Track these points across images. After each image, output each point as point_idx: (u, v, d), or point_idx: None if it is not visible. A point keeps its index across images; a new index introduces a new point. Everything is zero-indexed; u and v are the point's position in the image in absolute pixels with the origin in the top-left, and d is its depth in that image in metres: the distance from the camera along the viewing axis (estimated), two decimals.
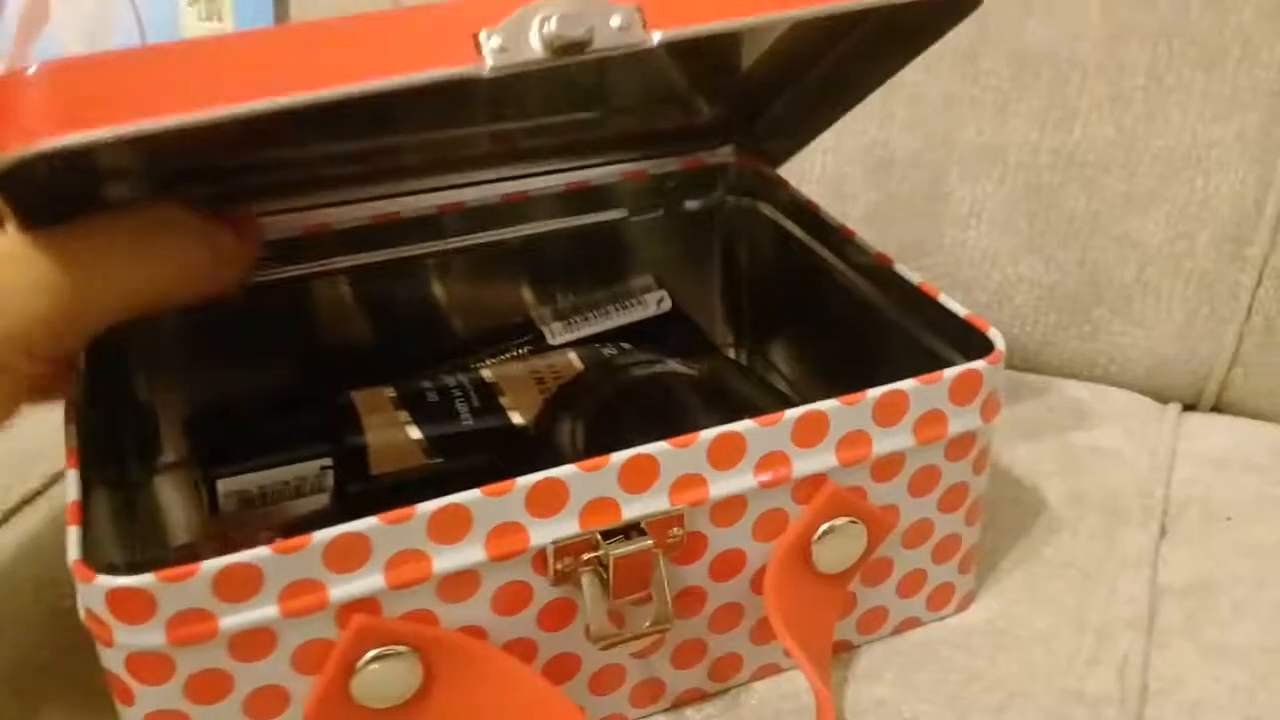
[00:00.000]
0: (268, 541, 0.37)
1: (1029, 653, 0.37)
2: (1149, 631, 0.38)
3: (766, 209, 0.49)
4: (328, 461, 0.42)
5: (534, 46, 0.27)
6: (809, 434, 0.32)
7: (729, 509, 0.32)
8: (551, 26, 0.26)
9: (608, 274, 0.50)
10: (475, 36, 0.26)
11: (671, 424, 0.42)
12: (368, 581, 0.29)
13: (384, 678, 0.29)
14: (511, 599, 0.31)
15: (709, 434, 0.31)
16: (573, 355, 0.47)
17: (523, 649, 0.32)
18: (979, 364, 0.34)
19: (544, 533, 0.30)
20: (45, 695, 0.37)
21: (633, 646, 0.32)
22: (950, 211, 0.47)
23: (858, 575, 0.35)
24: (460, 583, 0.30)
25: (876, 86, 0.38)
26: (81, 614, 0.28)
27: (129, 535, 0.41)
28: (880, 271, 0.41)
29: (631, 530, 0.31)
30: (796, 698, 0.36)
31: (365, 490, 0.43)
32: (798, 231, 0.47)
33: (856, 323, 0.43)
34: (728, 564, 0.33)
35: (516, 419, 0.44)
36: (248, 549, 0.36)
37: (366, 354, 0.47)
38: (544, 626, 0.32)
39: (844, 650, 0.37)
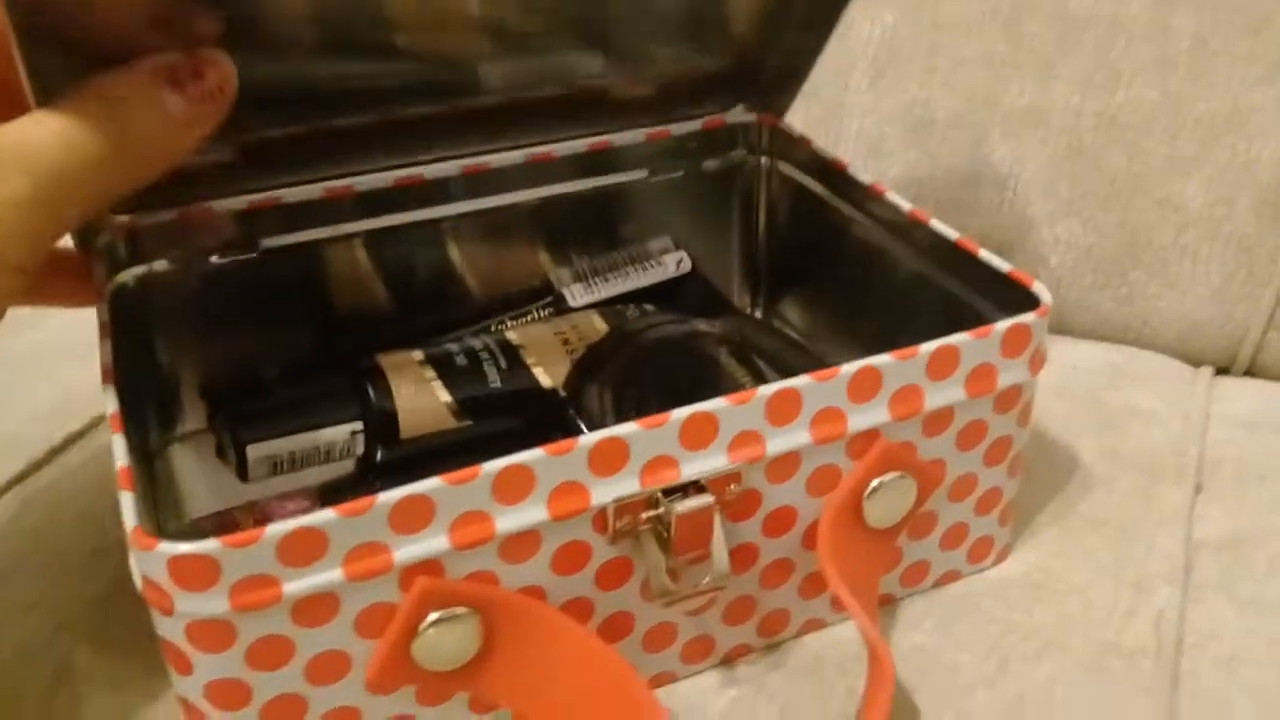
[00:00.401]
0: (300, 509, 0.37)
1: (1066, 605, 0.37)
2: (1185, 586, 0.38)
3: (787, 168, 0.48)
4: (358, 426, 0.42)
5: None
6: (864, 389, 0.32)
7: (784, 465, 0.32)
8: None
9: (626, 235, 0.49)
10: None
11: (701, 381, 0.42)
12: (432, 543, 0.28)
13: (445, 640, 0.29)
14: (571, 558, 0.30)
15: (767, 390, 0.31)
16: (595, 316, 0.47)
17: (579, 608, 0.32)
18: (1028, 317, 0.34)
19: (605, 491, 0.30)
20: (88, 631, 0.37)
21: (690, 604, 0.32)
22: (990, 172, 0.47)
23: (905, 529, 0.35)
24: (522, 543, 0.29)
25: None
26: (138, 582, 0.27)
27: (150, 504, 0.41)
28: (915, 228, 0.41)
29: (690, 488, 0.31)
30: (842, 648, 0.36)
31: (395, 455, 0.42)
32: (820, 189, 0.46)
33: (884, 280, 0.43)
34: (780, 520, 0.33)
35: (544, 380, 0.44)
36: (281, 517, 0.36)
37: (388, 318, 0.46)
38: (601, 585, 0.31)
39: (886, 603, 0.37)
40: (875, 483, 0.33)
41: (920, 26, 0.49)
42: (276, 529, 0.26)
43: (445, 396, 0.42)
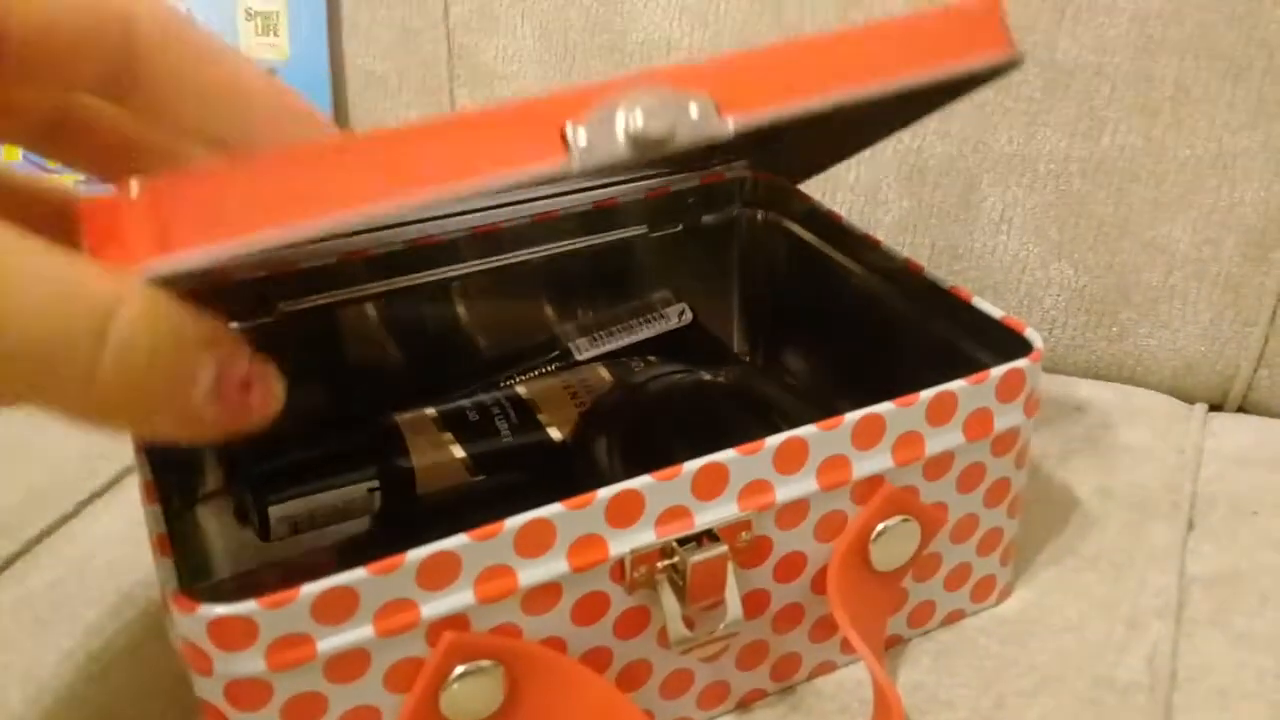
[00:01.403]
0: (327, 566, 0.38)
1: (1061, 641, 0.38)
2: (1178, 620, 0.39)
3: (784, 221, 0.50)
4: (374, 483, 0.43)
5: (619, 142, 0.25)
6: (867, 436, 0.33)
7: (792, 512, 0.33)
8: (638, 123, 0.25)
9: (629, 289, 0.51)
10: (562, 133, 0.25)
11: (707, 431, 0.44)
12: (457, 598, 0.29)
13: (471, 692, 0.30)
14: (590, 609, 0.32)
15: (775, 440, 0.32)
16: (602, 369, 0.48)
17: (598, 657, 0.33)
18: (1022, 363, 0.35)
19: (622, 542, 0.31)
20: (126, 679, 0.38)
21: (706, 650, 0.33)
22: (982, 218, 0.49)
23: (910, 571, 0.36)
24: (543, 595, 0.31)
25: (897, 129, 0.39)
26: (176, 645, 0.28)
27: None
28: (909, 277, 0.42)
29: (704, 537, 0.32)
30: (854, 690, 0.37)
31: (411, 510, 0.43)
32: (816, 241, 0.48)
33: (880, 329, 0.45)
34: (790, 566, 0.34)
35: (554, 434, 0.45)
36: (307, 575, 0.37)
37: (401, 375, 0.48)
38: (619, 634, 0.32)
39: (894, 644, 0.38)
40: (880, 527, 0.34)
41: None
42: (311, 588, 0.28)
43: (459, 453, 0.44)
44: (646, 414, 0.44)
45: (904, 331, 0.43)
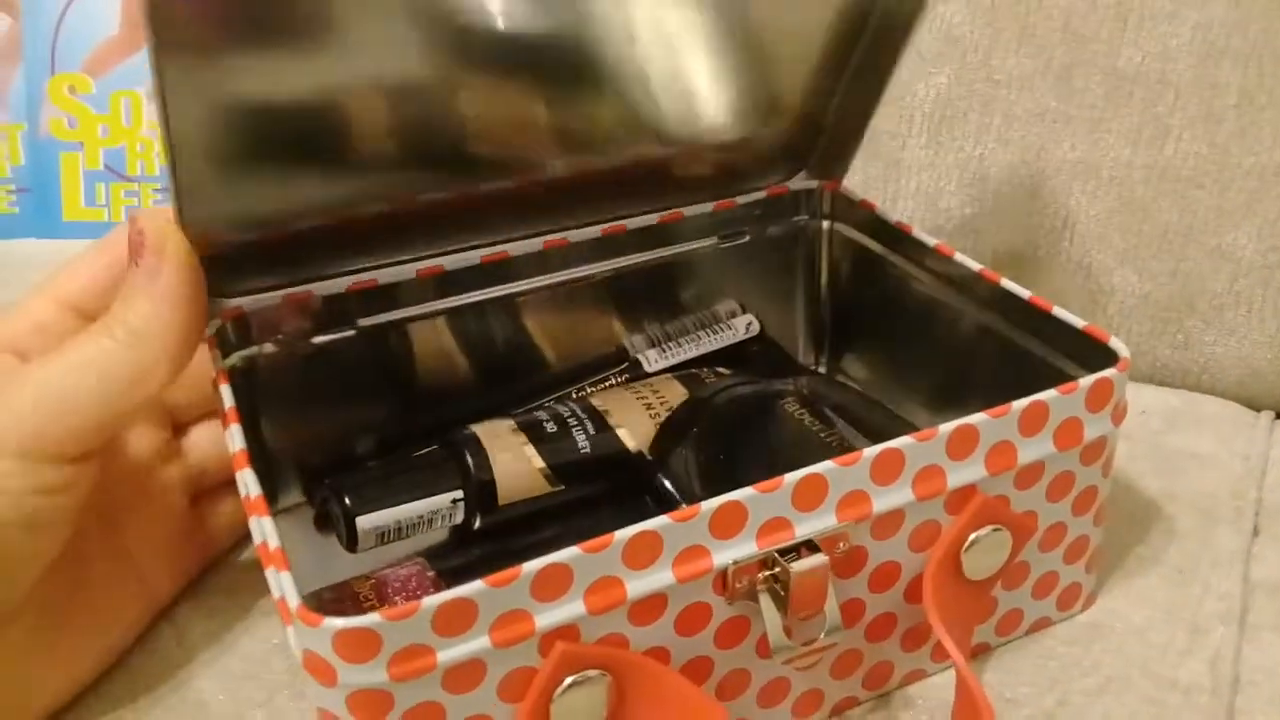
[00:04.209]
0: (414, 575, 0.39)
1: (1125, 643, 0.39)
2: (1241, 625, 0.39)
3: (849, 230, 0.50)
4: (459, 494, 0.43)
5: None
6: (961, 447, 0.34)
7: (888, 523, 0.34)
8: None
9: (696, 301, 0.51)
10: None
11: (781, 440, 0.44)
12: (569, 609, 0.30)
13: (580, 702, 0.31)
14: (693, 619, 0.32)
15: (872, 451, 0.32)
16: (673, 381, 0.49)
17: (699, 666, 0.33)
18: (1110, 372, 0.35)
19: (725, 554, 0.31)
20: None
21: (805, 660, 0.33)
22: (1044, 225, 0.49)
23: (999, 580, 0.37)
24: (649, 606, 0.31)
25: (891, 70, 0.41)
26: (297, 655, 0.29)
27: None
28: (984, 286, 0.42)
29: (803, 548, 0.32)
30: (943, 698, 0.37)
31: (494, 520, 0.44)
32: (884, 251, 0.48)
33: (949, 336, 0.45)
34: (885, 576, 0.35)
35: (629, 442, 0.46)
36: (395, 585, 0.38)
37: (474, 388, 0.48)
38: (719, 644, 0.33)
39: (981, 652, 0.39)
40: (973, 536, 0.35)
41: (973, 86, 0.52)
42: (432, 600, 0.28)
43: (539, 463, 0.44)
44: (722, 425, 0.44)
45: (974, 339, 0.44)
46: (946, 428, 0.33)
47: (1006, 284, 0.41)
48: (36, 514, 0.33)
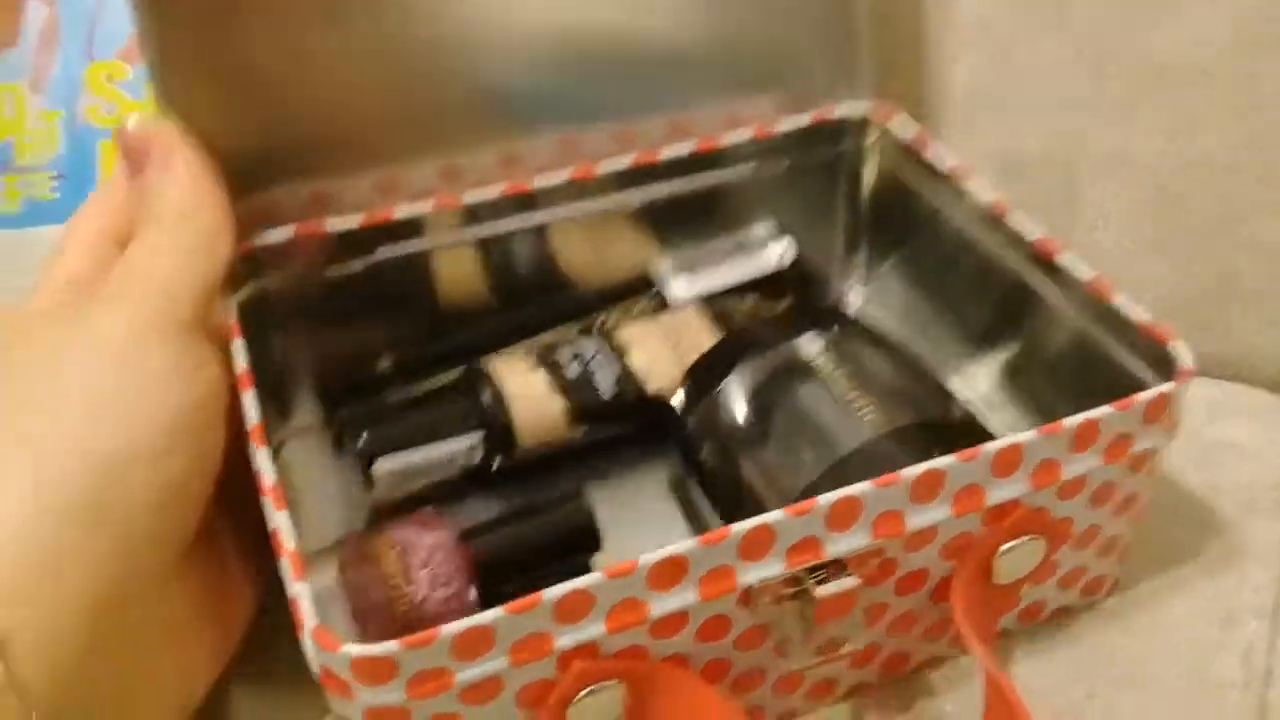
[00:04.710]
0: (438, 543, 0.38)
1: (1155, 635, 0.38)
2: (1275, 619, 0.39)
3: (900, 163, 0.47)
4: (478, 438, 0.42)
5: None
6: (1006, 465, 0.32)
7: (922, 537, 0.33)
8: None
9: (729, 228, 0.49)
10: None
11: (819, 408, 0.42)
12: (589, 630, 0.29)
13: (596, 707, 0.30)
14: (714, 630, 0.32)
15: (912, 472, 0.31)
16: (701, 313, 0.47)
17: (717, 667, 0.33)
18: (1170, 386, 0.33)
19: (752, 574, 0.31)
20: None
21: (825, 670, 0.33)
22: (1079, 214, 0.47)
23: (1028, 579, 0.36)
24: (670, 623, 0.30)
25: None
26: (314, 669, 0.28)
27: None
28: (1040, 257, 0.40)
29: (832, 565, 0.31)
30: (961, 682, 0.37)
31: (513, 463, 0.43)
32: (932, 191, 0.45)
33: (1001, 300, 0.43)
34: (912, 581, 0.34)
35: (654, 386, 0.44)
36: (419, 548, 0.38)
37: (495, 316, 0.47)
38: (739, 647, 0.33)
39: (1003, 638, 0.38)
40: (1007, 546, 0.34)
41: (1006, 73, 0.49)
42: (450, 629, 0.27)
43: (559, 406, 0.43)
44: (756, 383, 0.42)
45: (1025, 305, 0.42)
46: (990, 448, 0.32)
47: (1065, 260, 0.39)
48: (190, 392, 0.33)
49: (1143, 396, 0.33)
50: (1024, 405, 0.43)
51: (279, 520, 0.30)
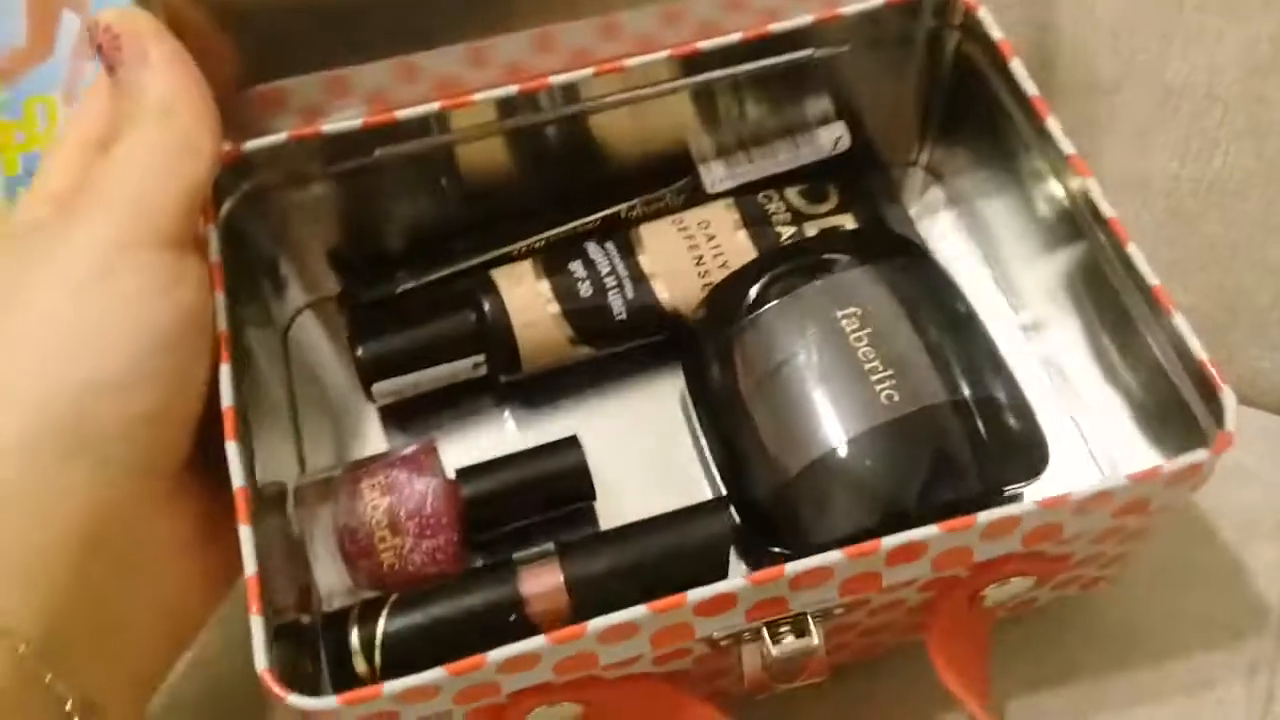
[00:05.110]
0: (429, 489, 0.37)
1: (1158, 654, 0.38)
2: (1278, 640, 0.38)
3: (972, 49, 0.41)
4: (480, 358, 0.41)
5: None
6: (998, 532, 0.30)
7: (900, 587, 0.31)
8: None
9: (778, 111, 0.44)
10: None
11: (835, 366, 0.38)
12: (539, 677, 0.29)
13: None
14: (670, 660, 0.31)
15: (890, 542, 0.29)
16: (739, 229, 0.43)
17: (676, 679, 0.33)
18: (1203, 455, 0.30)
19: (710, 626, 0.30)
20: None
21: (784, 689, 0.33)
22: None
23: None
24: (623, 663, 0.30)
25: None
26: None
27: (286, 378, 0.43)
28: (1108, 232, 0.35)
29: (798, 620, 0.30)
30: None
31: (517, 378, 0.42)
32: (1012, 108, 0.40)
33: (1054, 233, 0.39)
34: (888, 609, 0.33)
35: (670, 302, 0.42)
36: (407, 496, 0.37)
37: (511, 202, 0.43)
38: (698, 667, 0.33)
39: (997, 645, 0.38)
40: (994, 586, 0.32)
41: None
42: (394, 685, 0.28)
43: (566, 331, 0.41)
44: (776, 328, 0.39)
45: (1081, 254, 0.38)
46: (984, 518, 0.29)
47: (1133, 251, 0.34)
48: (165, 313, 0.31)
49: (1169, 466, 0.30)
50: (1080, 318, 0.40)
51: (230, 451, 0.30)
